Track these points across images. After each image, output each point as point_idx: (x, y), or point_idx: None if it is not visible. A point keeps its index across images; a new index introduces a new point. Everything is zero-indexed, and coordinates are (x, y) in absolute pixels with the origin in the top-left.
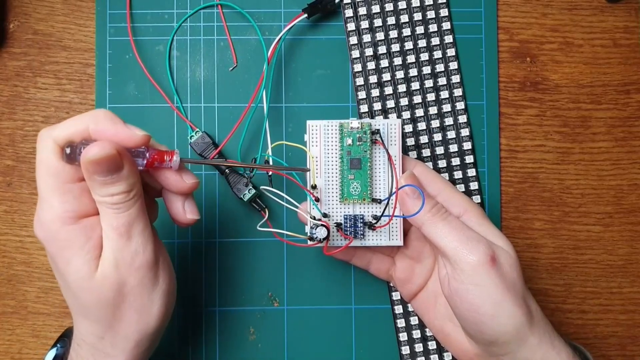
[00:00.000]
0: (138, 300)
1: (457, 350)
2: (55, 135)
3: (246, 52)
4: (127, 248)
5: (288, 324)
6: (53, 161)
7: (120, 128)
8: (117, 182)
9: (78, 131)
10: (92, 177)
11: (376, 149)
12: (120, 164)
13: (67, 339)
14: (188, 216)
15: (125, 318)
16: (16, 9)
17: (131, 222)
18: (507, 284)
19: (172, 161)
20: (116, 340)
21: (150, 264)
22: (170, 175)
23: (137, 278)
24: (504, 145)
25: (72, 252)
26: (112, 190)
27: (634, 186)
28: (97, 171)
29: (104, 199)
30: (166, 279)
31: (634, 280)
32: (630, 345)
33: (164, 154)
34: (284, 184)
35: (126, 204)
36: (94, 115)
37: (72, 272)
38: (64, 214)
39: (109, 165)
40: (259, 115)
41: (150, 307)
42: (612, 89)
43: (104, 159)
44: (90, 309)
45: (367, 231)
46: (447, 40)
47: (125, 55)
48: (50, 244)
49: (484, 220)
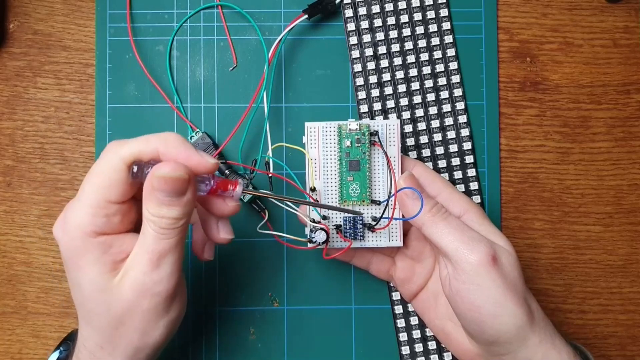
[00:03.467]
0: (144, 324)
1: (458, 350)
2: (124, 152)
3: (246, 52)
4: (153, 275)
5: (288, 324)
6: (111, 176)
7: (193, 153)
8: (174, 206)
9: (147, 151)
10: (154, 193)
11: (375, 150)
12: (186, 189)
13: (71, 342)
14: (222, 235)
15: (127, 335)
16: (16, 9)
17: (167, 251)
18: (508, 283)
19: (235, 191)
20: (115, 352)
21: (168, 295)
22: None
23: (151, 304)
24: (504, 145)
25: (85, 262)
26: (166, 213)
27: (634, 186)
28: (162, 189)
29: (154, 219)
30: (177, 310)
31: (634, 280)
32: (630, 345)
33: (228, 183)
34: (283, 186)
35: (171, 232)
36: (165, 137)
37: (85, 280)
38: (89, 226)
39: (175, 187)
40: (259, 116)
41: (154, 332)
42: (612, 89)
43: (174, 179)
44: (95, 318)
45: (366, 232)
46: (447, 40)
47: (125, 55)
48: (65, 247)
49: (484, 220)
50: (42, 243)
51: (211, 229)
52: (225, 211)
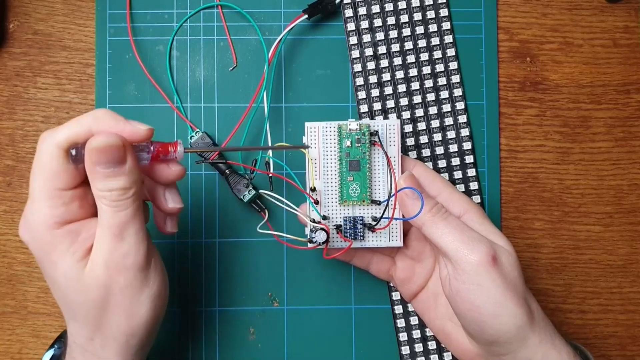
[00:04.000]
0: (127, 302)
1: (458, 350)
2: (58, 139)
3: (246, 52)
4: (119, 249)
5: (288, 324)
6: (52, 165)
7: (123, 124)
8: (118, 176)
9: (81, 133)
10: (95, 168)
11: (375, 150)
12: (124, 157)
13: (65, 339)
14: (169, 205)
15: (114, 319)
16: (16, 9)
17: (126, 223)
18: (508, 283)
19: (176, 152)
20: (106, 342)
21: (141, 266)
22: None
23: (127, 279)
24: (504, 145)
25: (57, 255)
26: (113, 185)
27: (634, 186)
28: (100, 161)
29: (103, 194)
30: (157, 281)
31: (634, 280)
32: (630, 345)
33: (167, 145)
34: (283, 186)
35: (125, 202)
36: (94, 115)
37: (60, 274)
38: (50, 218)
39: (113, 155)
40: (259, 116)
41: (138, 309)
42: (612, 89)
43: (108, 148)
44: (78, 310)
45: (367, 232)
46: (447, 40)
47: (125, 55)
48: (35, 246)
49: (484, 220)
50: None
51: (159, 200)
52: (169, 176)
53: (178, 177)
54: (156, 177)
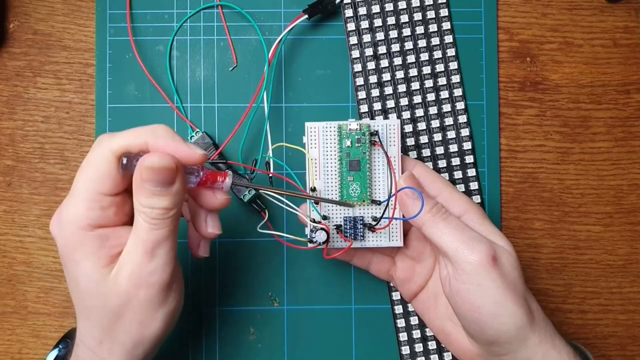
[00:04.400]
0: (142, 315)
1: (458, 350)
2: (113, 145)
3: (246, 52)
4: (148, 265)
5: (288, 324)
6: (101, 168)
7: (181, 145)
8: (164, 196)
9: (137, 144)
10: (143, 184)
11: (375, 150)
12: (174, 179)
13: (69, 340)
14: (209, 230)
15: (126, 328)
16: (16, 9)
17: (160, 242)
18: (508, 283)
19: (224, 182)
20: (113, 347)
21: (164, 285)
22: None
23: (148, 295)
24: (504, 145)
25: (81, 255)
26: (156, 203)
27: (634, 186)
28: (150, 179)
29: (145, 210)
30: (175, 300)
31: (634, 280)
32: (630, 345)
33: (217, 175)
34: (284, 186)
35: (163, 222)
36: (154, 129)
37: (82, 274)
38: (85, 219)
39: (163, 176)
40: (259, 116)
41: (152, 324)
42: (612, 89)
43: (161, 169)
44: (93, 312)
45: (367, 232)
46: (447, 40)
47: (125, 55)
48: (62, 242)
49: (484, 220)
50: (42, 243)
51: (200, 223)
52: (214, 204)
53: (222, 206)
54: (200, 201)
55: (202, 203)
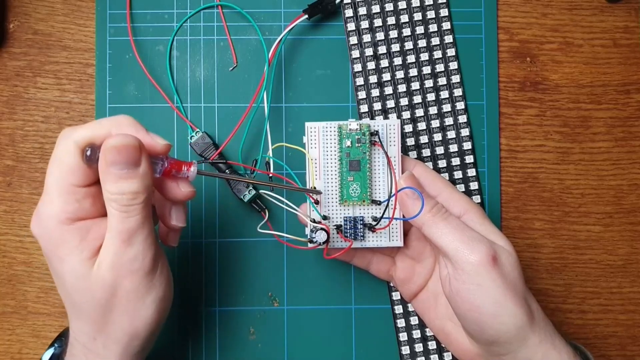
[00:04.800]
0: (131, 305)
1: (458, 350)
2: (77, 136)
3: (246, 52)
4: (127, 254)
5: (288, 324)
6: (68, 161)
7: (143, 134)
8: (131, 179)
9: (100, 134)
10: (109, 169)
11: (375, 150)
12: (139, 159)
13: (65, 338)
14: (172, 222)
15: (117, 320)
16: (16, 9)
17: (135, 229)
18: (508, 283)
19: (189, 171)
20: (108, 342)
21: (148, 271)
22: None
23: (133, 283)
24: (504, 145)
25: (65, 251)
26: (125, 188)
27: (634, 186)
28: (115, 161)
29: (114, 197)
30: (162, 286)
31: (634, 280)
32: (630, 345)
33: (182, 164)
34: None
35: (135, 208)
36: (117, 120)
37: (67, 270)
38: (62, 213)
39: (128, 156)
40: (259, 116)
41: (143, 312)
42: (612, 89)
43: (125, 147)
44: (82, 309)
45: (367, 232)
46: (447, 40)
47: (125, 55)
48: (44, 240)
49: (484, 220)
50: None
51: (164, 215)
52: (178, 195)
53: (186, 197)
54: (165, 192)
55: (167, 194)
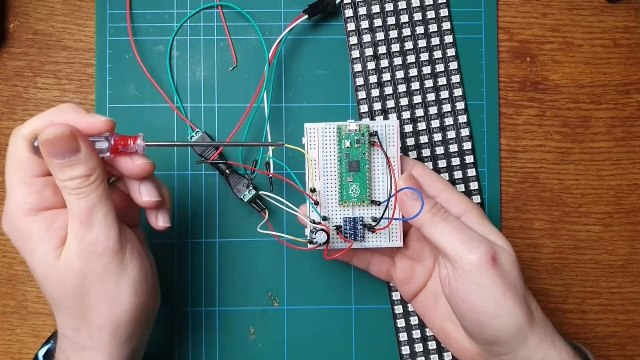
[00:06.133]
0: (105, 289)
1: (458, 350)
2: (24, 131)
3: (246, 52)
4: (89, 235)
5: (288, 324)
6: (20, 155)
7: (82, 117)
8: (75, 165)
9: (43, 125)
10: (51, 160)
11: (374, 151)
12: (76, 146)
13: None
14: (143, 198)
15: (94, 307)
16: (16, 9)
17: (92, 209)
18: (508, 283)
19: (135, 144)
20: (92, 331)
21: (114, 251)
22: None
23: (101, 265)
24: (504, 145)
25: (33, 243)
26: (72, 174)
27: (634, 186)
28: (52, 152)
29: (65, 184)
30: (135, 267)
31: (634, 280)
32: (630, 345)
33: (127, 138)
34: (283, 186)
35: (86, 189)
36: (59, 108)
37: (36, 262)
38: (25, 205)
39: (63, 146)
40: (259, 116)
41: (119, 296)
42: (612, 89)
43: (57, 139)
44: (59, 300)
45: (367, 233)
46: (447, 40)
47: (125, 55)
48: (13, 235)
49: (483, 220)
50: None
51: (134, 193)
52: (135, 170)
53: (143, 170)
54: (121, 170)
55: (125, 171)
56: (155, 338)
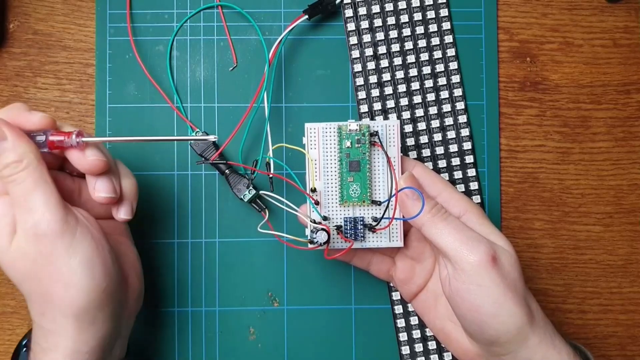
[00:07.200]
0: (57, 270)
1: (458, 350)
2: None
3: (246, 52)
4: (30, 219)
5: (288, 324)
6: None
7: (22, 113)
8: (3, 153)
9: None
10: None
11: (375, 151)
12: (1, 134)
13: None
14: (97, 194)
15: (51, 290)
16: (16, 9)
17: (29, 193)
18: (508, 283)
19: (69, 138)
20: (54, 315)
21: (57, 232)
22: (74, 154)
23: (47, 247)
24: (504, 145)
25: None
26: (3, 161)
27: (634, 186)
28: None
29: (1, 173)
30: (88, 248)
31: (634, 280)
32: (630, 345)
33: (62, 134)
34: (284, 186)
35: (20, 174)
36: (8, 107)
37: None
38: None
39: None
40: (260, 116)
41: (72, 277)
42: (612, 89)
43: None
44: (19, 284)
45: (367, 233)
46: (447, 40)
47: (125, 55)
48: None
49: (484, 221)
50: None
51: (90, 188)
52: (85, 165)
53: (93, 166)
54: (74, 164)
55: (78, 166)
56: (156, 338)
